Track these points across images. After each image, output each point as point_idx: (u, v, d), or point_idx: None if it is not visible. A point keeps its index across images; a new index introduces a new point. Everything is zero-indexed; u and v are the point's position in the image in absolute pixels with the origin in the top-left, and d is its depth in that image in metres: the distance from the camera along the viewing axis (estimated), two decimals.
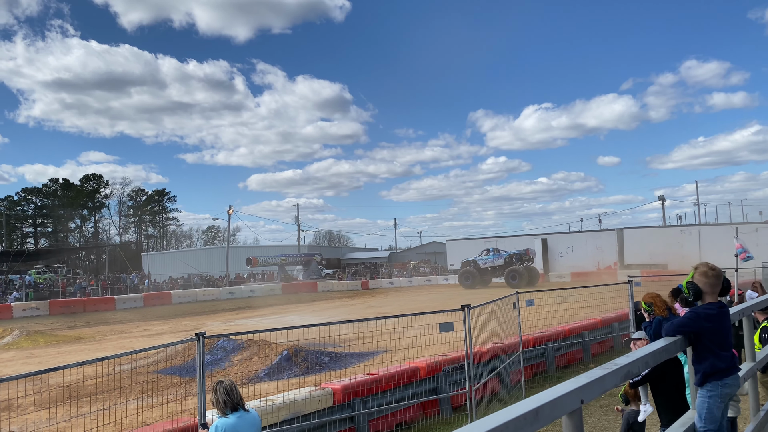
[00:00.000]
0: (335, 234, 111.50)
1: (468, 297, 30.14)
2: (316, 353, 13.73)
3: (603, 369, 2.67)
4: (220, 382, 4.22)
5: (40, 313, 33.79)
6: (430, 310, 8.40)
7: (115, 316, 34.30)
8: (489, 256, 45.74)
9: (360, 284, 51.98)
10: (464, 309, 7.75)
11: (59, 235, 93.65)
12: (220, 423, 4.03)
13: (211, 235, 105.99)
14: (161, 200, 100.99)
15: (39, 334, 24.26)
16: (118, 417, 8.37)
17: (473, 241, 59.52)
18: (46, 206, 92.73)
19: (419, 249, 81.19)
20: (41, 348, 21.78)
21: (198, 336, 5.41)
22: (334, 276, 58.43)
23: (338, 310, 31.18)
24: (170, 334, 24.11)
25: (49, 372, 5.10)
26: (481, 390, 8.79)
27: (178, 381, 12.36)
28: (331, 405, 7.57)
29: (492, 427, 1.83)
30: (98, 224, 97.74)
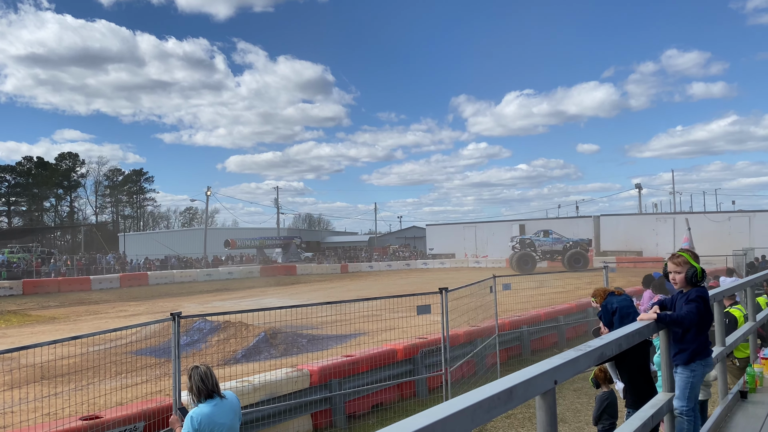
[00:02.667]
0: (315, 217, 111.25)
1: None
2: (293, 335, 13.73)
3: (577, 351, 2.70)
4: (195, 367, 4.02)
5: (13, 292, 33.29)
6: (407, 293, 8.43)
7: (91, 296, 33.93)
8: (548, 239, 44.01)
9: (339, 268, 52.00)
10: (441, 292, 7.79)
11: (34, 214, 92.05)
12: (195, 414, 3.86)
13: (188, 216, 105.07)
14: (138, 180, 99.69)
15: (12, 314, 23.95)
16: (92, 397, 8.29)
17: (452, 227, 59.87)
18: (20, 185, 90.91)
19: (399, 233, 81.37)
20: (14, 328, 21.48)
21: (173, 316, 5.36)
22: (314, 259, 58.38)
23: (317, 293, 31.18)
24: (146, 315, 23.92)
25: (21, 350, 5.02)
26: (456, 372, 8.88)
27: (153, 362, 12.28)
28: (308, 386, 7.59)
29: (466, 405, 1.84)
30: (74, 204, 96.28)
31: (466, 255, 55.92)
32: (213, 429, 3.89)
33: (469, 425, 1.85)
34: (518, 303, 12.99)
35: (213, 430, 3.89)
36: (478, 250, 55.76)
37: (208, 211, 65.28)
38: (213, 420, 3.90)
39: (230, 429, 4.02)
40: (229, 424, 4.01)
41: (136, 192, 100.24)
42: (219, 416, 3.94)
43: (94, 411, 7.82)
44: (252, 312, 8.74)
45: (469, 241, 57.09)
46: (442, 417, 1.74)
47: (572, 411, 8.13)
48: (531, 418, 7.73)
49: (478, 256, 54.75)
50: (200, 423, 3.85)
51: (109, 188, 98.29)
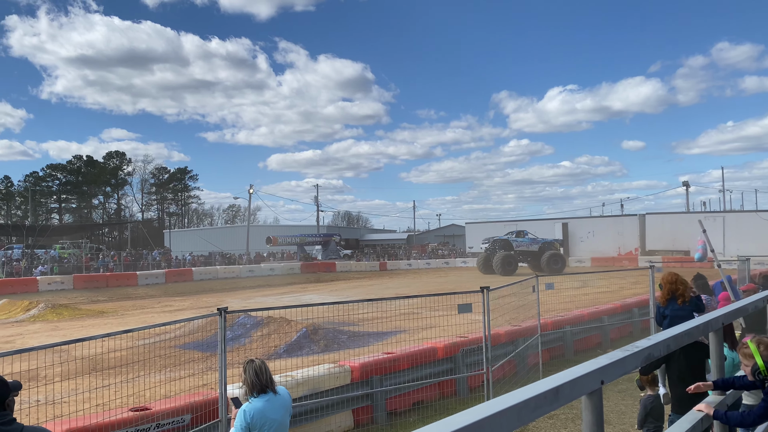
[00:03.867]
0: (354, 215, 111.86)
1: (493, 281, 30.06)
2: (334, 332, 13.86)
3: (624, 351, 2.66)
4: (251, 361, 4.06)
5: (64, 287, 34.45)
6: (448, 292, 8.42)
7: (137, 291, 34.88)
8: (524, 239, 42.47)
9: (378, 265, 52.16)
10: (483, 291, 7.75)
11: (83, 211, 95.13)
12: (249, 408, 3.93)
13: (231, 213, 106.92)
14: (183, 178, 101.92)
15: (63, 308, 24.78)
16: (140, 390, 8.53)
17: (493, 225, 59.31)
18: (70, 182, 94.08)
19: (438, 231, 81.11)
20: (65, 321, 22.26)
21: (220, 311, 5.49)
22: (353, 257, 58.68)
23: (356, 290, 31.37)
24: (191, 310, 24.48)
25: (74, 343, 5.22)
26: (498, 371, 8.82)
27: (198, 356, 12.56)
28: (349, 382, 7.65)
29: (513, 403, 1.84)
30: (121, 201, 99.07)
31: None
32: (264, 424, 3.93)
33: (515, 423, 1.85)
34: (561, 303, 12.81)
35: (264, 425, 3.93)
36: None
37: (251, 208, 66.30)
38: (265, 415, 3.94)
39: (281, 425, 4.05)
40: (280, 419, 4.05)
41: (180, 190, 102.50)
42: (271, 412, 3.98)
43: (142, 403, 8.05)
44: (294, 308, 8.88)
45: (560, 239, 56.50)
46: (488, 414, 1.75)
47: (617, 413, 7.99)
48: (574, 419, 7.63)
49: None
50: (252, 417, 3.91)
51: (154, 186, 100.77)
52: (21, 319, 23.12)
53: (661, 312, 6.12)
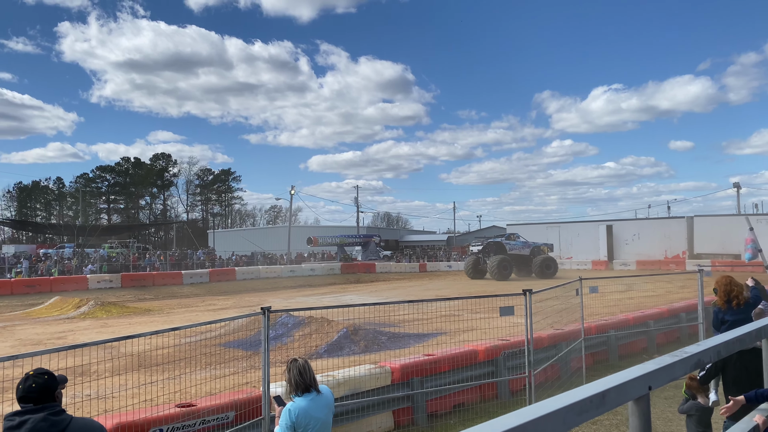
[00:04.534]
0: (394, 216, 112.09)
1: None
2: (374, 332, 13.90)
3: (672, 356, 2.60)
4: (294, 360, 4.10)
5: (112, 285, 35.48)
6: (489, 294, 8.35)
7: (183, 290, 35.67)
8: (516, 242, 40.48)
9: (418, 266, 52.08)
10: (525, 293, 7.66)
11: (130, 212, 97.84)
12: (293, 407, 3.97)
13: (273, 214, 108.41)
14: (227, 180, 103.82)
15: (112, 305, 25.51)
16: (185, 386, 8.71)
17: (535, 226, 58.55)
18: (118, 184, 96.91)
19: (478, 233, 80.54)
20: (114, 318, 22.93)
21: (263, 310, 5.58)
22: (392, 258, 58.75)
23: (396, 292, 31.39)
24: (234, 309, 24.90)
25: (123, 340, 5.37)
26: (540, 375, 8.71)
27: (241, 354, 12.77)
28: (389, 383, 7.66)
29: (558, 407, 1.82)
30: (167, 202, 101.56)
31: None
32: (308, 423, 3.97)
33: (560, 427, 1.83)
34: (605, 307, 12.57)
35: (308, 424, 3.97)
36: (561, 252, 54.21)
37: (292, 209, 67.06)
38: (309, 414, 3.97)
39: (324, 424, 4.08)
40: (324, 418, 4.07)
41: (224, 191, 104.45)
42: (315, 410, 4.01)
43: (187, 399, 8.24)
44: (335, 308, 8.95)
45: (552, 242, 55.64)
46: (533, 417, 1.73)
47: (663, 420, 7.79)
48: (619, 425, 7.48)
49: (561, 257, 53.27)
50: (297, 416, 3.95)
51: (199, 187, 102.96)
52: (72, 315, 23.91)
53: (720, 317, 5.97)
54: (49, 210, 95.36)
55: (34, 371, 2.81)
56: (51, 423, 2.66)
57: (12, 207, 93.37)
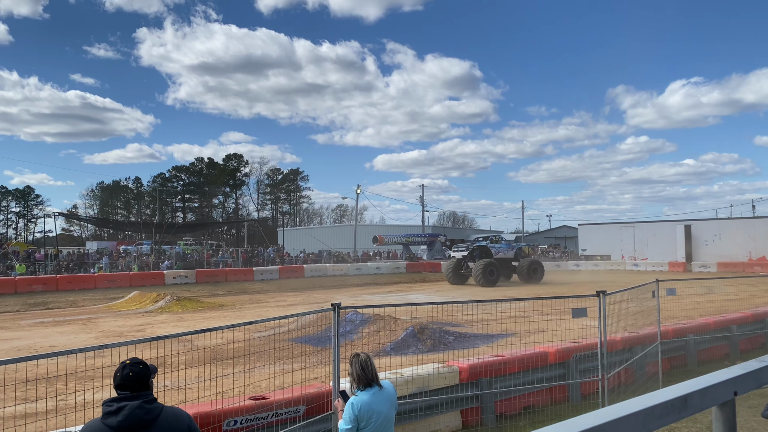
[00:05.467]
0: (459, 215, 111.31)
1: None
2: (440, 332, 13.85)
3: (760, 362, 2.48)
4: (356, 355, 4.19)
5: (188, 281, 36.85)
6: (559, 295, 8.17)
7: (254, 286, 36.66)
8: (501, 245, 37.87)
9: None
10: (599, 295, 7.45)
11: (204, 210, 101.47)
12: (356, 401, 4.06)
13: (339, 213, 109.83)
14: (295, 179, 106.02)
15: (187, 300, 26.50)
16: (256, 380, 8.94)
17: (608, 226, 56.85)
18: (193, 183, 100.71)
19: (548, 233, 78.91)
20: (189, 313, 23.82)
21: (334, 306, 5.69)
22: None
23: (462, 291, 31.17)
24: (302, 306, 25.39)
25: (200, 333, 5.58)
26: (613, 379, 8.44)
27: (310, 350, 13.01)
28: (457, 383, 7.62)
29: (638, 409, 1.77)
30: (239, 200, 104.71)
31: (623, 257, 52.77)
32: (371, 416, 4.05)
33: (640, 430, 1.78)
34: (683, 310, 12.05)
35: (371, 417, 4.05)
36: (636, 252, 52.42)
37: (358, 208, 67.73)
38: (372, 408, 4.05)
39: (386, 418, 4.15)
40: (386, 412, 4.14)
41: (293, 190, 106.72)
42: (377, 404, 4.08)
43: (259, 392, 8.46)
44: (401, 306, 8.97)
45: (626, 243, 53.78)
46: (612, 419, 1.70)
47: (747, 430, 7.40)
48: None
49: (636, 258, 51.48)
50: (360, 410, 4.03)
51: (269, 186, 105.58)
52: (150, 309, 25.01)
53: None
54: (128, 208, 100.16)
55: (130, 360, 2.95)
56: (145, 410, 2.80)
57: (95, 205, 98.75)
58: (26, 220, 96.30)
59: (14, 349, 15.01)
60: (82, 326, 19.79)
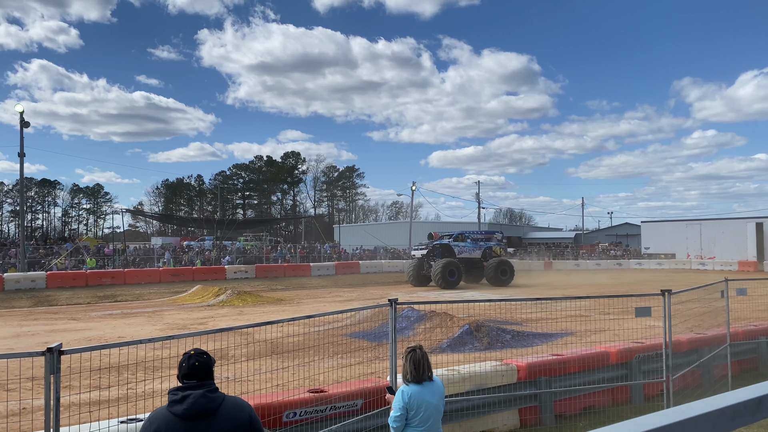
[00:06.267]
0: (517, 212, 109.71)
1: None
2: (497, 330, 13.71)
3: None
4: (412, 351, 4.25)
5: (247, 275, 37.76)
6: (621, 294, 7.95)
7: (310, 281, 37.23)
8: (466, 244, 35.49)
9: (543, 265, 50.62)
10: (664, 294, 7.21)
11: (263, 207, 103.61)
12: (406, 389, 4.16)
13: (395, 210, 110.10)
14: (351, 176, 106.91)
15: (247, 294, 27.15)
16: (314, 373, 9.08)
17: (673, 224, 54.91)
18: (252, 181, 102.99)
19: (609, 230, 76.77)
20: (249, 307, 24.40)
21: (391, 302, 5.72)
22: (515, 255, 57.51)
23: (520, 290, 30.73)
24: (358, 301, 25.62)
25: (261, 326, 5.71)
26: (679, 381, 8.16)
27: (366, 345, 13.12)
28: (515, 381, 7.53)
29: (709, 410, 1.71)
30: (296, 197, 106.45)
31: (688, 255, 50.86)
32: (421, 405, 4.14)
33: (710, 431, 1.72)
34: (754, 311, 11.52)
35: (421, 406, 4.14)
36: (703, 251, 50.40)
37: (413, 205, 67.71)
38: (422, 398, 4.15)
39: (436, 408, 4.24)
40: (435, 403, 4.24)
41: (348, 187, 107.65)
42: (427, 395, 4.18)
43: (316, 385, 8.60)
44: (457, 303, 8.94)
45: (692, 241, 51.74)
46: (680, 419, 1.64)
47: None
48: None
49: (703, 257, 49.49)
50: (410, 397, 4.13)
51: (325, 183, 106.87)
52: (212, 303, 25.76)
53: None
54: (191, 205, 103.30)
55: (195, 351, 3.06)
56: (209, 399, 2.90)
57: (159, 202, 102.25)
58: (96, 217, 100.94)
59: (85, 339, 15.76)
60: (148, 318, 20.57)
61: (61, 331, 17.36)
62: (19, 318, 21.32)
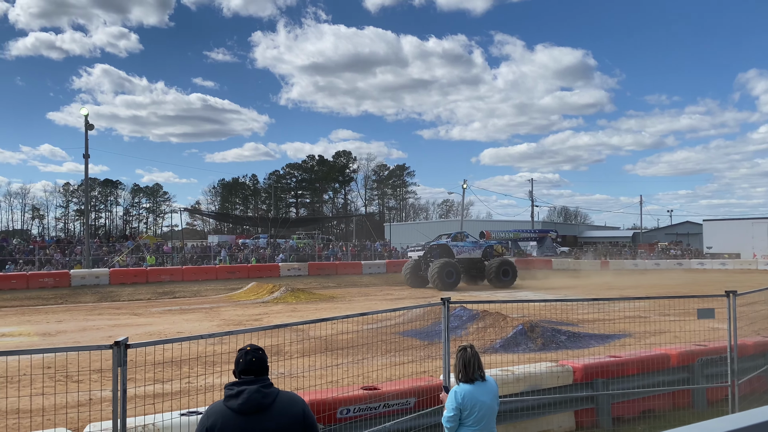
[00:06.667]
0: (572, 210, 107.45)
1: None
2: (552, 330, 13.48)
3: None
4: (463, 350, 4.24)
5: (300, 273, 38.34)
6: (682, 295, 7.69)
7: (362, 279, 37.48)
8: (465, 243, 34.29)
9: (599, 264, 49.40)
10: (729, 295, 6.94)
11: (315, 205, 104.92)
12: (459, 389, 4.14)
13: (445, 208, 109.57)
14: (401, 174, 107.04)
15: (300, 292, 27.57)
16: (366, 370, 9.14)
17: (737, 222, 52.78)
18: (304, 180, 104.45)
19: (669, 229, 74.33)
20: (302, 303, 24.78)
21: (443, 301, 5.70)
22: (570, 254, 56.37)
23: (574, 290, 30.10)
24: (409, 300, 25.64)
25: (315, 323, 5.79)
26: (745, 386, 7.84)
27: (417, 344, 13.11)
28: (570, 383, 7.39)
29: None
30: (347, 196, 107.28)
31: (754, 255, 48.72)
32: (475, 405, 4.11)
33: None
34: None
35: (475, 406, 4.11)
36: None
37: (464, 203, 67.17)
38: (476, 397, 4.12)
39: (490, 408, 4.21)
40: (489, 403, 4.21)
41: (399, 185, 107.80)
42: (481, 395, 4.15)
43: (368, 383, 8.65)
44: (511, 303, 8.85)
45: (759, 240, 49.57)
46: (748, 424, 1.59)
47: None
48: None
49: None
50: (464, 398, 4.11)
51: (376, 182, 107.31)
52: (266, 300, 26.27)
53: None
54: (246, 204, 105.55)
55: (251, 347, 3.13)
56: (263, 395, 2.97)
57: (216, 201, 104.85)
58: (155, 215, 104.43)
59: (146, 333, 16.33)
60: (205, 314, 21.14)
61: (124, 326, 18.04)
62: (84, 312, 22.28)
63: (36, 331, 17.16)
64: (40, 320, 19.81)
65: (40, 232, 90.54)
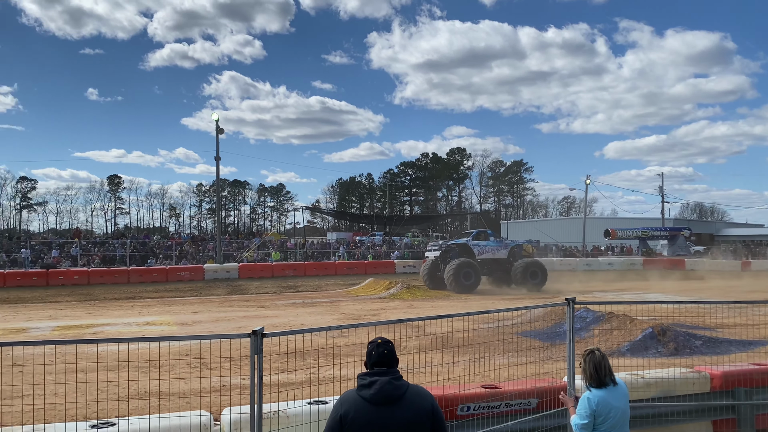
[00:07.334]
0: (707, 207, 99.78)
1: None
2: (685, 335, 12.63)
3: None
4: (591, 353, 4.10)
5: (415, 270, 38.46)
6: None
7: None
8: (488, 243, 31.55)
9: (740, 265, 45.52)
10: None
11: (429, 203, 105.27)
12: (593, 396, 4.01)
13: (566, 205, 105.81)
14: (518, 171, 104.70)
15: (416, 288, 27.85)
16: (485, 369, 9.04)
17: None
18: (418, 178, 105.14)
19: None
20: (418, 300, 25.01)
21: (568, 301, 5.55)
22: (706, 254, 52.39)
23: (712, 292, 27.98)
24: (528, 300, 25.07)
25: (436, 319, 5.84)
26: None
27: (538, 344, 12.80)
28: (707, 390, 6.90)
29: None
30: (462, 193, 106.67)
31: None
32: (609, 411, 3.99)
33: None
34: None
35: (609, 412, 3.99)
36: None
37: (587, 199, 64.51)
38: (609, 403, 3.99)
39: (623, 413, 4.07)
40: (623, 408, 4.07)
41: (516, 182, 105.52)
42: (614, 400, 4.01)
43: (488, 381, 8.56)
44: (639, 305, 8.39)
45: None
46: None
47: None
48: None
49: None
50: (597, 404, 3.98)
51: (491, 179, 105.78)
52: (383, 296, 26.79)
53: None
54: (362, 202, 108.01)
55: (381, 340, 3.23)
56: (394, 386, 3.05)
57: (334, 200, 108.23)
58: (279, 213, 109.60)
59: (273, 325, 17.21)
60: (327, 308, 21.93)
61: (252, 318, 19.12)
62: (216, 305, 23.87)
63: (175, 320, 18.62)
64: (178, 311, 21.48)
65: (177, 229, 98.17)
